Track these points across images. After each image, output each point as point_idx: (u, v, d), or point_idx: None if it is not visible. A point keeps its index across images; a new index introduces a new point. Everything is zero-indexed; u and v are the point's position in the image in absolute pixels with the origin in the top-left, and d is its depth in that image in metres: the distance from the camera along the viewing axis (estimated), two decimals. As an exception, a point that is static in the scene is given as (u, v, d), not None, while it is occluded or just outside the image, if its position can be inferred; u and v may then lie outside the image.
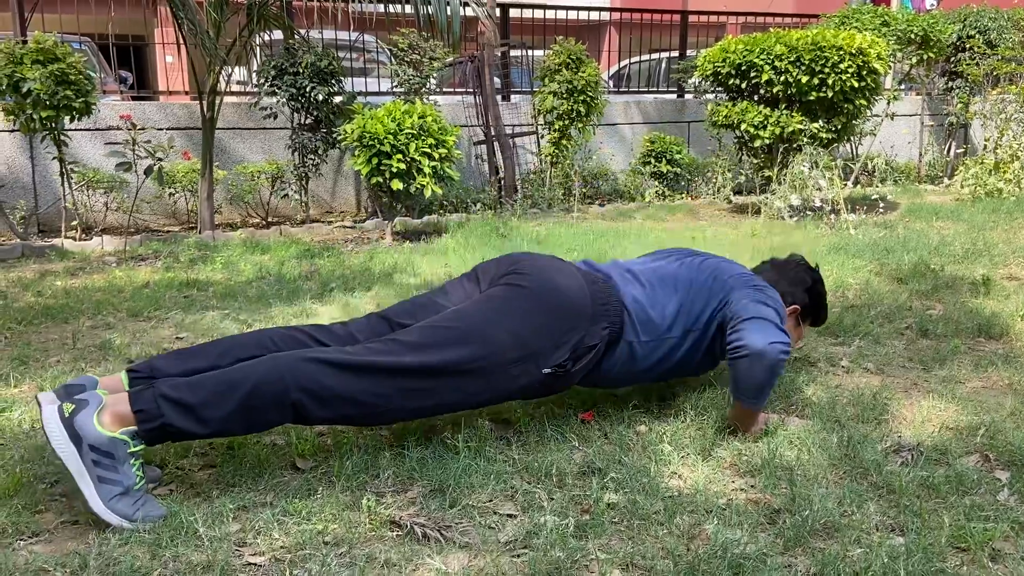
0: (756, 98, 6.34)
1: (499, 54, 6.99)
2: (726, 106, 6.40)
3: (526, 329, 2.10)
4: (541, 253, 2.43)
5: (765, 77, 6.01)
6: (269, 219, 6.23)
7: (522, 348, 2.09)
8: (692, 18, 8.79)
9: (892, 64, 7.10)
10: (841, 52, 5.84)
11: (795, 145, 6.10)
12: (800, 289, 2.54)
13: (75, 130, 5.65)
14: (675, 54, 8.79)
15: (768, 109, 6.15)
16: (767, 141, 6.15)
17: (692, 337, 2.31)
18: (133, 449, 1.80)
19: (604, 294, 2.23)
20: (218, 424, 1.87)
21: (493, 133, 6.63)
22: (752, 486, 2.00)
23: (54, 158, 5.35)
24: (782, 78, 5.97)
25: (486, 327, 2.08)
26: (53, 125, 5.11)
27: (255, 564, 1.67)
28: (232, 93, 6.46)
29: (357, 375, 1.95)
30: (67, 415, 1.78)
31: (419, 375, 2.00)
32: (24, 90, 4.93)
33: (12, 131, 5.60)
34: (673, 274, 2.37)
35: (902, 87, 8.23)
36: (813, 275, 2.60)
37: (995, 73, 7.64)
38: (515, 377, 2.10)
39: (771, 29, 6.41)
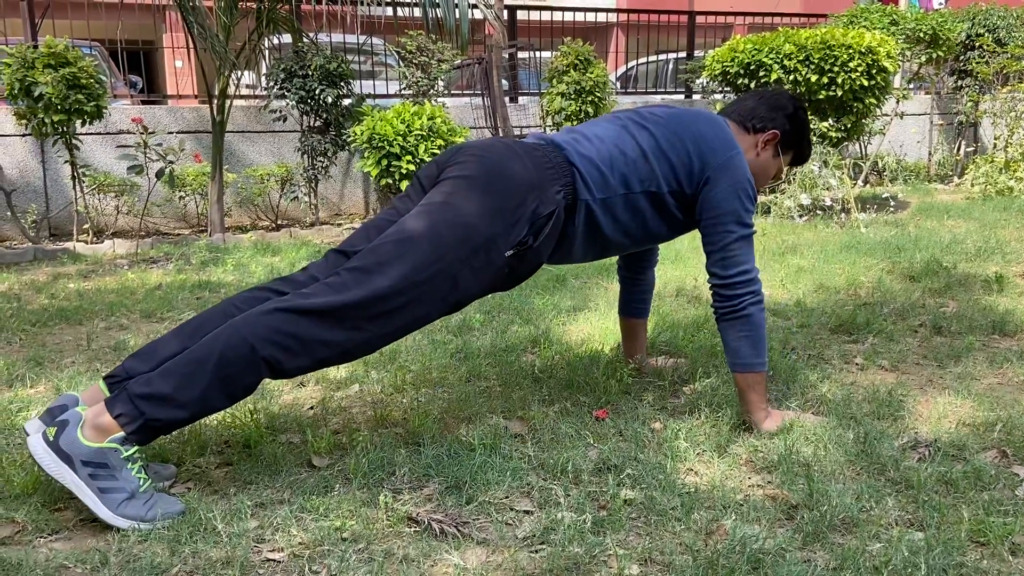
0: (765, 98, 6.32)
1: (507, 56, 7.00)
2: (735, 106, 6.39)
3: (474, 217, 2.00)
4: (477, 140, 2.30)
5: (774, 76, 6.00)
6: (279, 221, 6.25)
7: (476, 237, 1.99)
8: (699, 19, 8.80)
9: (901, 63, 7.08)
10: (850, 51, 5.83)
11: (805, 144, 6.08)
12: (781, 115, 2.38)
13: (86, 134, 5.68)
14: (683, 55, 8.79)
15: (777, 108, 6.13)
16: (776, 140, 6.13)
17: (654, 198, 2.19)
18: (127, 454, 1.79)
19: (547, 157, 2.11)
20: (198, 404, 1.83)
21: (501, 134, 6.64)
22: (769, 482, 1.99)
23: (65, 162, 5.38)
24: (791, 77, 5.96)
25: (433, 228, 1.98)
26: (65, 129, 5.14)
27: (274, 560, 1.68)
28: (242, 96, 6.49)
29: (319, 317, 1.87)
30: (52, 438, 1.78)
31: (381, 298, 1.91)
32: (36, 94, 4.96)
33: (24, 135, 5.63)
34: (628, 129, 2.23)
35: (911, 86, 8.21)
36: (795, 102, 2.44)
37: (1005, 71, 7.61)
38: (479, 269, 2.00)
39: (779, 29, 6.40)
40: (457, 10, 5.45)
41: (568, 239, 2.17)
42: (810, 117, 5.97)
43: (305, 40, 6.11)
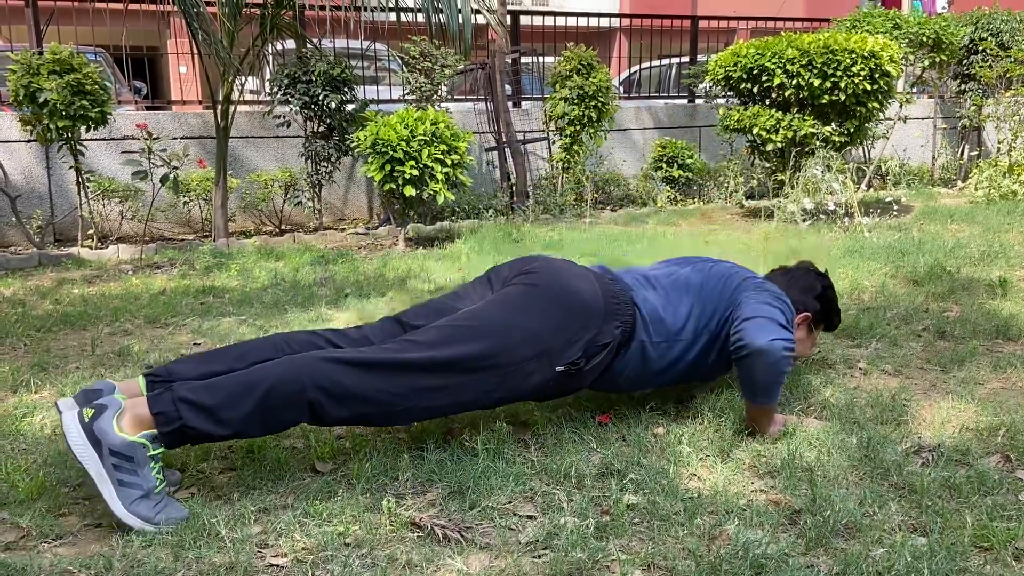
0: (768, 102, 6.33)
1: (510, 61, 7.02)
2: (738, 110, 6.40)
3: (539, 325, 2.11)
4: (554, 256, 2.45)
5: (777, 81, 6.00)
6: (282, 226, 6.26)
7: (535, 345, 2.09)
8: (702, 23, 8.81)
9: (904, 67, 7.08)
10: (853, 55, 5.83)
11: (807, 149, 6.09)
12: (810, 296, 2.55)
13: (91, 140, 5.70)
14: (686, 59, 8.79)
15: (780, 113, 6.14)
16: (779, 145, 6.15)
17: (704, 339, 2.31)
18: (153, 452, 1.82)
19: (616, 294, 2.24)
20: (236, 425, 1.88)
21: (504, 139, 6.65)
22: (772, 487, 1.99)
23: (70, 167, 5.40)
24: (794, 81, 5.96)
25: (499, 324, 2.10)
26: (69, 135, 5.16)
27: (277, 565, 1.68)
28: (245, 102, 6.50)
29: (372, 373, 1.96)
30: (87, 420, 1.80)
31: (433, 371, 2.00)
32: (41, 100, 4.98)
33: (29, 141, 5.65)
34: (685, 278, 2.39)
35: (914, 90, 8.20)
36: (823, 281, 2.61)
37: (1008, 75, 7.60)
38: (528, 375, 2.10)
39: (782, 33, 6.40)
40: (460, 15, 5.46)
41: (613, 371, 2.27)
42: (813, 121, 5.98)
43: (309, 46, 6.13)
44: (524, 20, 7.82)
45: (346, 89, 5.86)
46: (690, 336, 2.30)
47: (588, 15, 8.25)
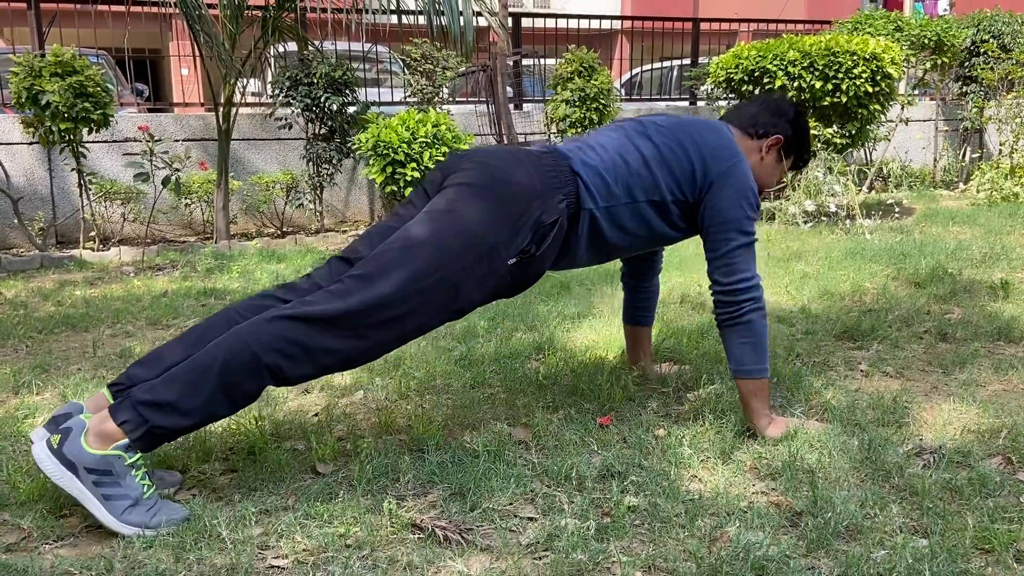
0: (769, 104, 6.32)
1: (511, 63, 7.02)
2: (739, 112, 6.39)
3: (477, 224, 2.00)
4: (481, 147, 2.32)
5: (779, 83, 6.00)
6: (284, 229, 6.27)
7: (479, 245, 1.99)
8: (703, 25, 8.81)
9: (906, 69, 7.08)
10: (855, 57, 5.83)
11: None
12: (783, 120, 2.41)
13: (93, 142, 5.71)
14: (687, 62, 8.80)
15: (781, 115, 6.13)
16: (781, 147, 6.14)
17: (657, 206, 2.21)
18: (130, 461, 1.80)
19: (550, 166, 2.12)
20: (202, 411, 1.84)
21: (506, 141, 6.65)
22: (773, 489, 1.99)
23: (72, 170, 5.41)
24: (795, 84, 5.96)
25: (436, 235, 1.99)
26: (71, 137, 5.17)
27: (278, 567, 1.68)
28: (247, 104, 6.51)
29: (323, 325, 1.88)
30: (55, 446, 1.78)
31: (384, 305, 1.92)
32: (43, 103, 4.99)
33: (31, 143, 5.66)
34: (631, 138, 2.25)
35: (916, 92, 8.21)
36: (796, 108, 2.46)
37: (1010, 77, 7.61)
38: (482, 277, 2.01)
39: (783, 36, 6.41)
40: (461, 18, 5.47)
41: (571, 247, 2.18)
42: (815, 124, 5.98)
43: (310, 48, 6.14)
44: (525, 22, 7.83)
45: (348, 91, 5.87)
46: (641, 198, 2.18)
47: (589, 17, 8.26)
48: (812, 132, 5.92)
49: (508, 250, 2.03)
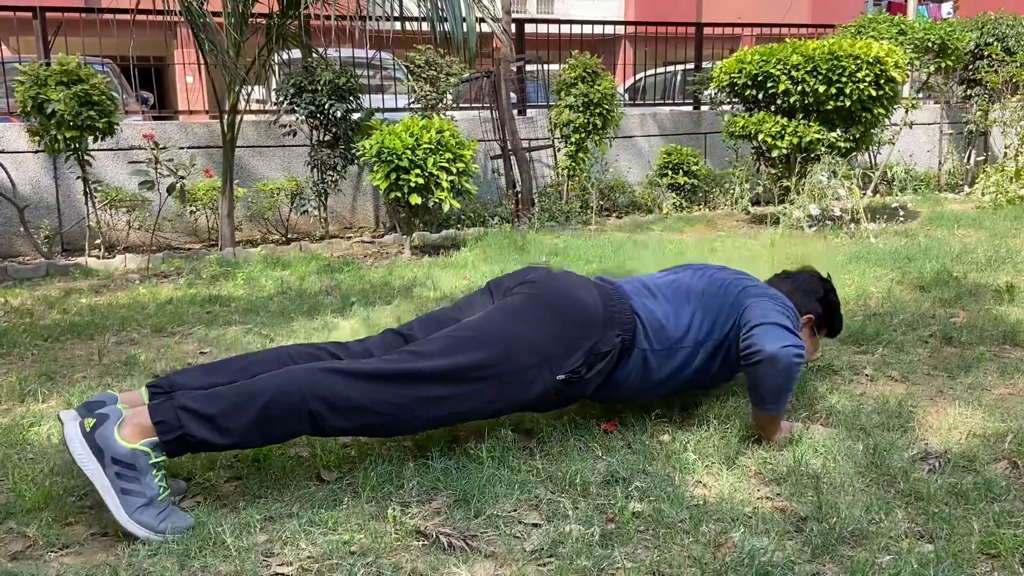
0: (773, 108, 6.33)
1: (515, 69, 7.03)
2: (743, 117, 6.40)
3: (540, 334, 2.12)
4: (554, 269, 2.46)
5: (782, 87, 6.00)
6: (289, 235, 6.28)
7: (536, 353, 2.10)
8: (707, 30, 8.81)
9: (910, 73, 7.07)
10: (858, 61, 5.83)
11: (813, 155, 6.08)
12: (813, 299, 2.54)
13: (98, 150, 5.73)
14: (690, 66, 8.80)
15: (785, 119, 6.14)
16: (785, 151, 6.14)
17: (706, 347, 2.31)
18: (155, 460, 1.83)
19: (616, 302, 2.24)
20: (237, 435, 1.89)
21: (510, 147, 6.66)
22: (778, 494, 1.99)
23: (78, 178, 5.43)
24: (799, 88, 5.96)
25: (500, 333, 2.11)
26: (77, 145, 5.19)
27: (283, 574, 1.68)
28: (252, 112, 6.54)
29: (372, 384, 1.97)
30: (88, 430, 1.81)
31: (434, 382, 2.01)
32: (48, 111, 5.01)
33: (37, 152, 5.69)
34: (686, 285, 2.38)
35: (920, 95, 8.19)
36: (825, 285, 2.61)
37: (1014, 80, 7.59)
38: (529, 384, 2.11)
39: (786, 40, 6.41)
40: (465, 24, 5.48)
41: (615, 380, 2.26)
42: (818, 128, 5.98)
43: (314, 55, 6.16)
44: (529, 28, 7.84)
45: (352, 98, 5.88)
46: (692, 344, 2.29)
47: (592, 23, 8.27)
48: (817, 136, 5.95)
49: (561, 366, 2.14)
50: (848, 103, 5.90)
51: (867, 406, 2.50)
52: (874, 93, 5.90)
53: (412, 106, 6.56)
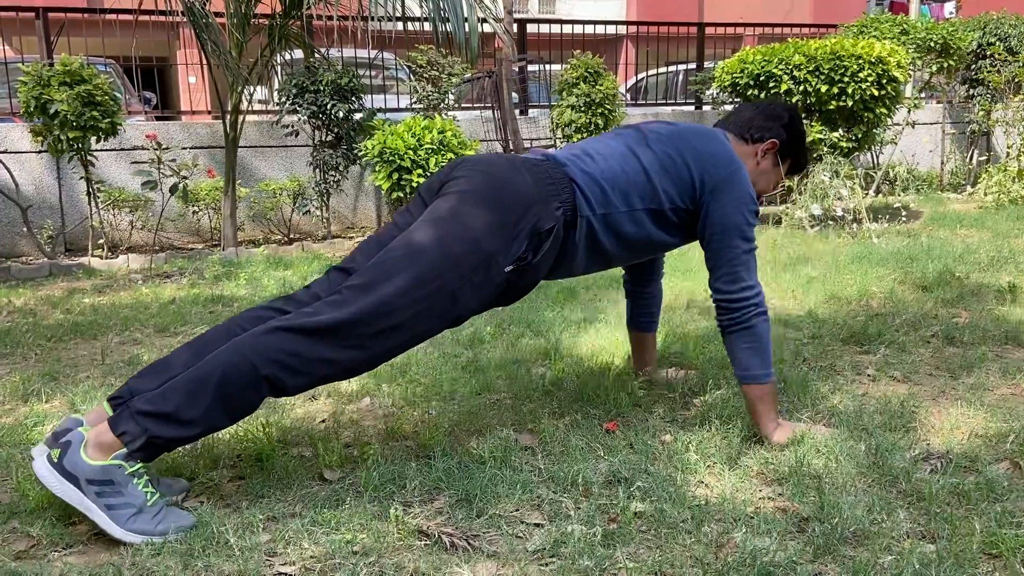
0: (775, 108, 6.32)
1: (516, 69, 7.04)
2: (745, 117, 6.39)
3: (475, 232, 2.00)
4: (478, 154, 2.31)
5: (784, 87, 6.00)
6: (291, 235, 6.29)
7: (477, 252, 1.99)
8: (709, 30, 8.81)
9: (912, 72, 7.07)
10: (860, 61, 5.83)
11: (815, 154, 6.08)
12: (777, 124, 2.40)
13: (101, 150, 5.74)
14: (692, 66, 8.80)
15: (787, 119, 6.13)
16: (787, 151, 6.13)
17: (655, 214, 2.21)
18: (131, 470, 1.81)
19: (547, 173, 2.12)
20: (202, 422, 1.85)
21: (512, 147, 6.66)
22: (780, 494, 1.99)
23: (81, 178, 5.44)
24: (801, 88, 5.96)
25: (434, 242, 1.99)
26: (80, 146, 5.20)
27: (286, 573, 1.69)
28: (254, 112, 6.55)
29: (321, 336, 1.88)
30: (56, 460, 1.80)
31: (383, 315, 1.92)
32: (51, 111, 5.03)
33: (40, 152, 5.70)
34: (629, 146, 2.25)
35: (922, 95, 8.19)
36: (791, 112, 2.46)
37: (1017, 80, 7.58)
38: (479, 285, 2.01)
39: (789, 40, 6.41)
40: (467, 24, 5.49)
41: (567, 254, 2.17)
42: (820, 128, 5.98)
43: (316, 55, 6.16)
44: (531, 28, 7.85)
45: (354, 98, 5.89)
46: (639, 206, 2.18)
47: (595, 23, 8.27)
48: (819, 136, 5.95)
49: (505, 257, 2.03)
50: (850, 103, 5.89)
51: (869, 406, 2.51)
52: (876, 93, 5.90)
53: (414, 106, 6.57)
